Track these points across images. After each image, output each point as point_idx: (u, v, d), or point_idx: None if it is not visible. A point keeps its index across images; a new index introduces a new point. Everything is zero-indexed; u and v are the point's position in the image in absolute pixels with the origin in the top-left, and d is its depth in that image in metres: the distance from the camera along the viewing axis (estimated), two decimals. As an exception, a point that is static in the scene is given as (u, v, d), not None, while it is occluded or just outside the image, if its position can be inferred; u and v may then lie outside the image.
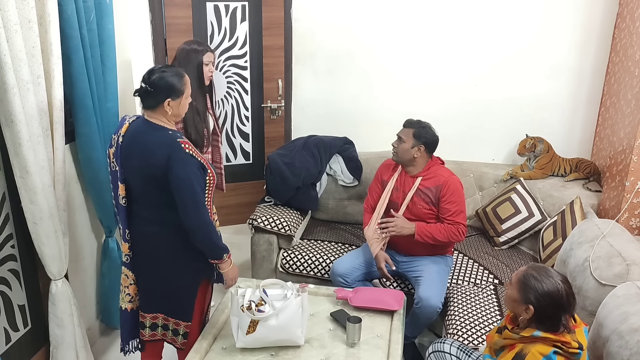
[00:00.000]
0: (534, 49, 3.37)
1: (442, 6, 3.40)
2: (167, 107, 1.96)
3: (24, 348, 2.36)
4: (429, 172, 2.70)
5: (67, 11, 2.22)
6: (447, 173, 2.69)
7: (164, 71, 1.95)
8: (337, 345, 2.13)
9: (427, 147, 2.66)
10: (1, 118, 1.96)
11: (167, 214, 1.99)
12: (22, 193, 2.09)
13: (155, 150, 1.92)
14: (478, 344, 2.29)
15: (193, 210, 1.94)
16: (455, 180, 2.68)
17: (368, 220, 2.82)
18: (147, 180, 1.97)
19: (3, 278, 2.18)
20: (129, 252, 2.13)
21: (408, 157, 2.67)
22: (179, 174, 1.90)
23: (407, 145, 2.65)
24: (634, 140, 2.63)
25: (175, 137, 1.95)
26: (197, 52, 2.71)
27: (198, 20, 3.51)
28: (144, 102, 2.00)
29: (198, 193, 1.94)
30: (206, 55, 2.72)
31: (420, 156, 2.67)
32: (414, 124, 2.68)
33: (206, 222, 1.98)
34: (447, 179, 2.65)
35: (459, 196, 2.65)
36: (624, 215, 2.68)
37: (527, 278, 1.70)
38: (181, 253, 2.06)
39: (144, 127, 1.99)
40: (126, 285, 2.19)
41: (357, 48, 3.57)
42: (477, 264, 2.95)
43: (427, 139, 2.65)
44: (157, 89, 1.93)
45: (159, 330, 2.19)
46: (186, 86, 2.00)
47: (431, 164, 2.72)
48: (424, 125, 2.67)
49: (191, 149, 1.94)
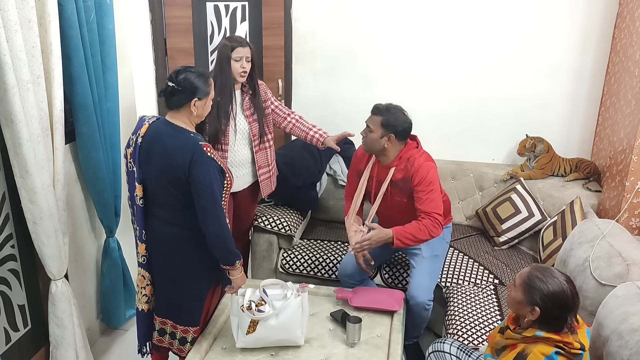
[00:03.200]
0: (534, 49, 3.37)
1: (442, 6, 3.40)
2: (193, 107, 1.97)
3: (24, 348, 2.36)
4: (401, 161, 2.51)
5: (67, 11, 2.22)
6: (419, 161, 2.48)
7: (191, 71, 1.96)
8: (337, 345, 2.13)
9: (397, 136, 2.44)
10: (1, 118, 1.96)
11: (185, 215, 1.99)
12: (22, 193, 2.09)
13: (178, 153, 1.93)
14: (478, 344, 2.29)
15: (212, 214, 1.94)
16: (426, 167, 2.47)
17: (348, 208, 2.72)
18: (168, 181, 1.97)
19: (3, 278, 2.18)
20: (145, 253, 2.13)
21: (378, 147, 2.47)
22: (201, 177, 1.91)
23: (376, 135, 2.44)
24: (634, 140, 2.63)
25: (197, 139, 1.95)
26: (225, 46, 2.63)
27: (198, 20, 3.51)
28: (169, 102, 2.00)
29: (217, 197, 1.94)
30: (235, 50, 2.61)
31: (391, 145, 2.46)
32: (382, 110, 2.44)
33: (223, 227, 1.97)
34: (416, 168, 2.46)
35: (429, 184, 2.44)
36: (624, 215, 2.68)
37: (532, 279, 1.68)
38: (195, 255, 2.07)
39: (165, 128, 1.99)
40: (142, 286, 2.19)
41: (357, 48, 3.57)
42: (477, 263, 2.95)
43: (396, 127, 2.42)
44: (185, 89, 1.94)
45: (167, 337, 2.19)
46: (211, 87, 2.02)
47: (404, 151, 2.51)
48: (393, 112, 2.43)
49: (212, 152, 1.95)
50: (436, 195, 2.46)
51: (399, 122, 2.43)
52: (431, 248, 2.61)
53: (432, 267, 2.62)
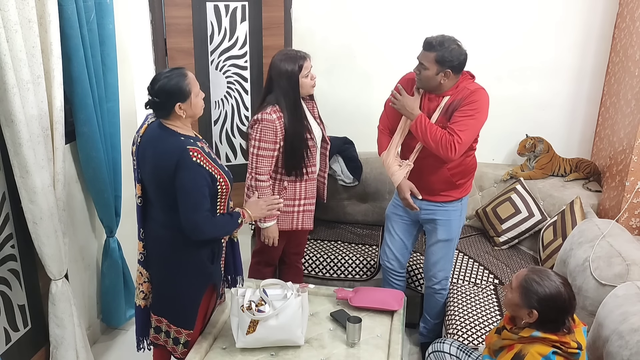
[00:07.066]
0: (533, 49, 3.37)
1: (442, 6, 3.40)
2: (179, 111, 1.93)
3: (24, 348, 2.36)
4: (458, 89, 2.34)
5: (67, 11, 2.22)
6: (476, 86, 2.34)
7: (166, 76, 1.91)
8: (337, 345, 2.13)
9: (454, 70, 2.28)
10: (1, 118, 1.96)
11: (176, 217, 1.99)
12: (22, 193, 2.09)
13: (165, 157, 1.92)
14: (478, 344, 2.29)
15: (191, 220, 1.93)
16: (480, 93, 2.31)
17: (385, 144, 2.52)
18: (158, 184, 1.98)
19: (3, 278, 2.18)
20: (143, 251, 2.14)
21: (434, 83, 2.31)
22: (183, 183, 1.90)
23: (431, 73, 2.27)
24: (634, 140, 2.63)
25: (185, 143, 1.92)
26: (292, 70, 2.40)
27: (198, 20, 3.51)
28: (155, 113, 1.99)
29: (199, 204, 1.93)
30: (304, 67, 2.42)
31: (447, 80, 2.30)
32: (435, 45, 2.25)
33: (198, 224, 1.95)
34: (472, 91, 2.30)
35: (474, 110, 2.28)
36: (624, 215, 2.68)
37: (529, 282, 1.69)
38: (188, 257, 2.06)
39: (158, 131, 1.98)
40: (140, 282, 2.20)
41: (357, 48, 3.57)
42: (477, 263, 2.95)
43: (452, 62, 2.25)
44: (164, 97, 1.91)
45: (162, 335, 2.20)
46: (191, 84, 1.94)
47: (461, 81, 2.35)
48: (447, 46, 2.24)
49: (200, 157, 1.91)
50: (472, 124, 2.28)
51: (454, 56, 2.25)
52: (447, 231, 2.55)
53: (447, 251, 2.61)
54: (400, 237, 2.67)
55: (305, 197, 2.60)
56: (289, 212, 2.59)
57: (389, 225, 2.70)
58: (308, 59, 2.44)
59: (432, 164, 2.42)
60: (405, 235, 2.67)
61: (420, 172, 2.46)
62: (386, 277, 2.77)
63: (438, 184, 2.47)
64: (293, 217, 2.60)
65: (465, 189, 2.54)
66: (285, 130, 2.41)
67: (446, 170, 2.42)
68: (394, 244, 2.69)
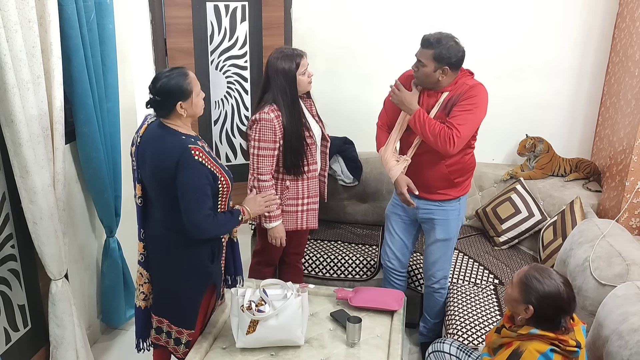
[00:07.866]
0: (533, 49, 3.37)
1: (442, 6, 3.40)
2: (181, 109, 1.94)
3: (24, 348, 2.36)
4: (456, 85, 2.35)
5: (67, 11, 2.22)
6: (474, 82, 2.35)
7: (167, 75, 1.92)
8: (337, 345, 2.13)
9: (451, 67, 2.29)
10: (1, 118, 1.96)
11: (177, 217, 1.99)
12: (22, 193, 2.09)
13: (166, 155, 1.92)
14: (478, 344, 2.29)
15: (194, 219, 1.93)
16: (478, 89, 2.32)
17: (384, 139, 2.53)
18: (159, 184, 1.97)
19: (3, 278, 2.18)
20: (143, 252, 2.14)
21: (432, 80, 2.32)
22: (185, 181, 1.90)
23: (429, 70, 2.29)
24: (634, 140, 2.63)
25: (187, 142, 1.92)
26: (289, 69, 2.39)
27: (198, 20, 3.51)
28: (156, 112, 1.99)
29: (202, 202, 1.93)
30: (301, 65, 2.41)
31: (445, 77, 2.31)
32: (433, 43, 2.26)
33: (200, 224, 1.95)
34: (470, 86, 2.31)
35: (472, 105, 2.28)
36: (624, 215, 2.68)
37: (529, 279, 1.69)
38: (188, 257, 2.06)
39: (158, 130, 1.98)
40: (140, 283, 2.20)
41: (357, 48, 3.57)
42: (477, 263, 2.95)
43: (450, 59, 2.25)
44: (165, 96, 1.91)
45: (163, 336, 2.20)
46: (192, 83, 1.95)
47: (459, 77, 2.37)
48: (444, 43, 2.25)
49: (202, 156, 1.92)
50: (471, 119, 2.29)
51: (452, 53, 2.26)
52: (445, 231, 2.55)
53: (446, 250, 2.61)
54: (400, 236, 2.68)
55: (309, 195, 2.60)
56: (293, 212, 2.58)
57: (389, 224, 2.70)
58: (304, 57, 2.44)
59: (430, 160, 2.42)
60: (405, 234, 2.68)
61: (418, 168, 2.46)
62: (387, 277, 2.77)
63: (436, 181, 2.46)
64: (297, 216, 2.59)
65: (464, 188, 2.54)
66: (283, 128, 2.41)
67: (444, 167, 2.42)
68: (394, 244, 2.69)
